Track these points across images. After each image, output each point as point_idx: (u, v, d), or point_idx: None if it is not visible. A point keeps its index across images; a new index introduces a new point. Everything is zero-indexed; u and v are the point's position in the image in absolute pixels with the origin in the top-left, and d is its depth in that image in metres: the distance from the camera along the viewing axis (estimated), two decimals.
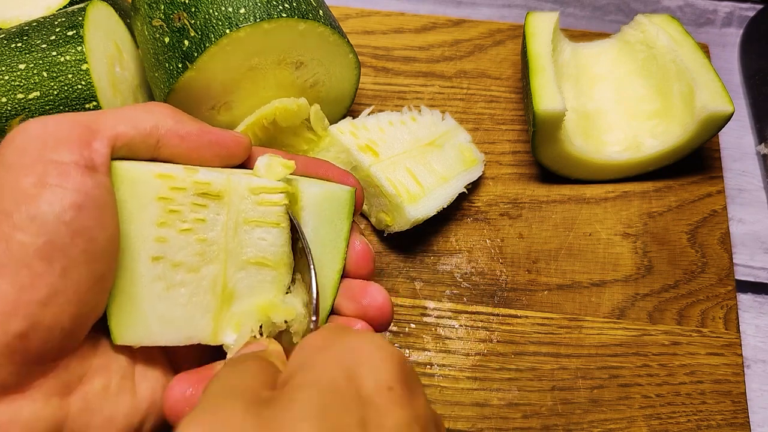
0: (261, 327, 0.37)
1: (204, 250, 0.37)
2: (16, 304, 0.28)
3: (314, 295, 0.36)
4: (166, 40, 0.46)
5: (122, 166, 0.34)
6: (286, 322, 0.37)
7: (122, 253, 0.34)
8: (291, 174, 0.38)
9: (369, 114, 0.56)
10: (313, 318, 0.36)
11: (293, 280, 0.39)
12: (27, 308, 0.28)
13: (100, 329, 0.33)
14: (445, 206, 0.52)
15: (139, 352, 0.35)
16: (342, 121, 0.54)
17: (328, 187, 0.40)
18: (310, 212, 0.39)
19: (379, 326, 0.38)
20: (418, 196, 0.51)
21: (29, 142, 0.30)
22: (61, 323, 0.29)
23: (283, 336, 0.37)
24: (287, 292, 0.38)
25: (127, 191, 0.34)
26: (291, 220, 0.38)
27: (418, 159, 0.53)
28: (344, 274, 0.40)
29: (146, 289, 0.34)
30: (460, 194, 0.54)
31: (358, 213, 0.42)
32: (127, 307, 0.34)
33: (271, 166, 0.37)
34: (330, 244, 0.40)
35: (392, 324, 0.49)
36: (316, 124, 0.52)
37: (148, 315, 0.34)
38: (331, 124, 0.54)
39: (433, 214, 0.51)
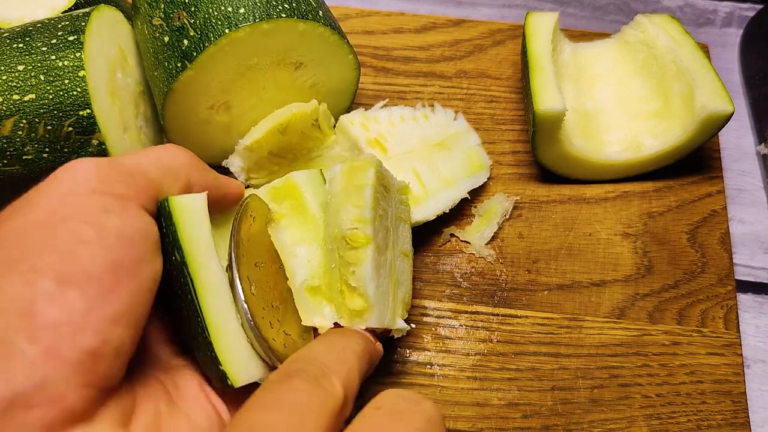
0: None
1: (386, 235, 0.40)
2: (87, 317, 0.27)
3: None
4: (166, 39, 0.46)
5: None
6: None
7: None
8: None
9: (382, 107, 0.55)
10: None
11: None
12: (98, 324, 0.27)
13: (134, 359, 0.33)
14: (447, 211, 0.52)
15: (167, 377, 0.34)
16: (353, 111, 0.54)
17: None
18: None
19: None
20: (420, 199, 0.51)
21: (84, 176, 0.31)
22: (125, 345, 0.29)
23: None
24: None
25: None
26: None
27: (425, 160, 0.53)
28: None
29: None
30: (462, 199, 0.54)
31: None
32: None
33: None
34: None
35: None
36: (324, 123, 0.52)
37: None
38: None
39: (432, 219, 0.51)
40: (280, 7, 0.45)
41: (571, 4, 0.76)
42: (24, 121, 0.44)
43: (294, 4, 0.46)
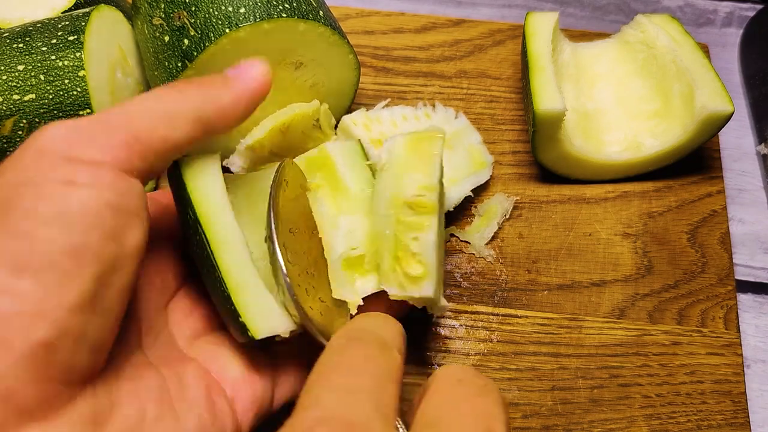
0: None
1: (440, 210, 0.41)
2: (42, 306, 0.25)
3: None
4: (166, 38, 0.46)
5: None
6: None
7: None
8: None
9: (384, 107, 0.55)
10: None
11: None
12: (54, 312, 0.25)
13: (122, 351, 0.31)
14: (451, 210, 0.52)
15: (172, 372, 0.33)
16: (356, 112, 0.54)
17: None
18: None
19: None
20: None
21: (54, 143, 0.28)
22: (90, 334, 0.26)
23: None
24: None
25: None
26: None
27: None
28: None
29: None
30: (465, 197, 0.54)
31: None
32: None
33: None
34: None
35: None
36: (324, 123, 0.52)
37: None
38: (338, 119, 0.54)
39: None
40: (280, 7, 0.45)
41: (571, 4, 0.76)
42: (24, 121, 0.44)
43: (294, 4, 0.46)
